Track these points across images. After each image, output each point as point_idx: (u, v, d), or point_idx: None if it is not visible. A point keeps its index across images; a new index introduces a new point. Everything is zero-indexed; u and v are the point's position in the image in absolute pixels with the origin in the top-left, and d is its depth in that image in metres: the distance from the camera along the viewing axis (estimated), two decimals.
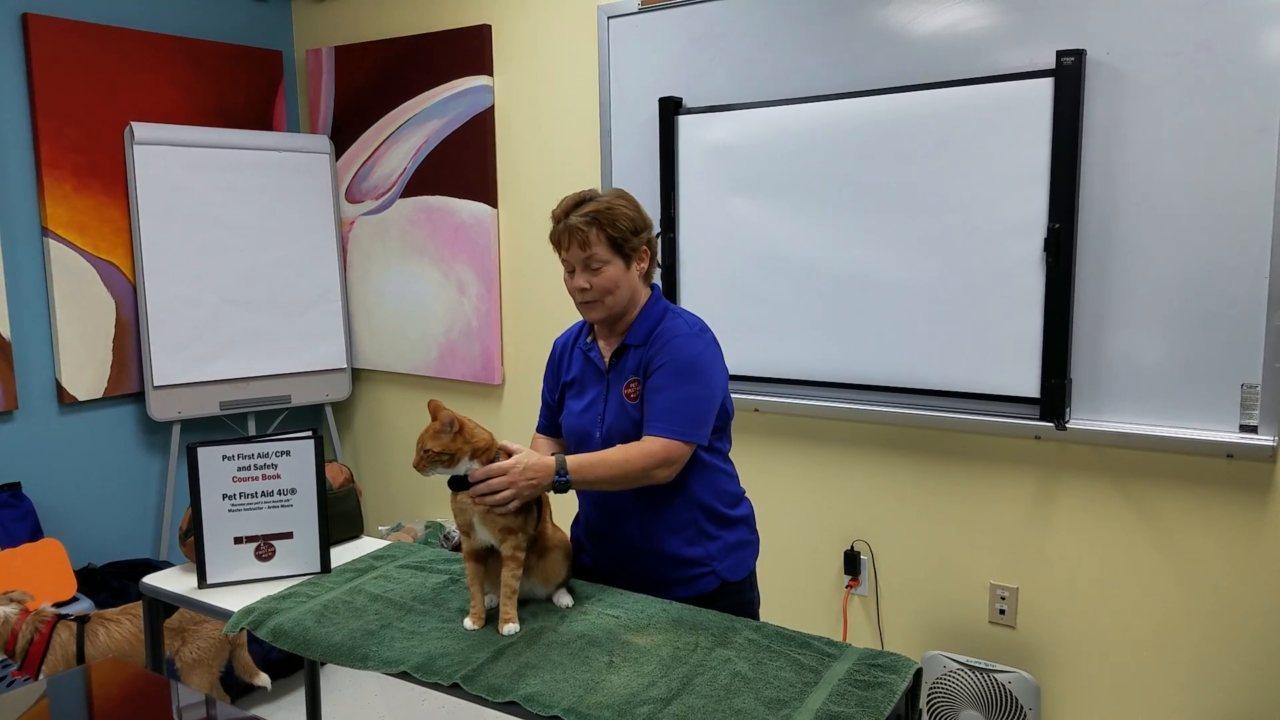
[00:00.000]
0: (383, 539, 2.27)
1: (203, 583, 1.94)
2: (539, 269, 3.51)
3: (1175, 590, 2.44)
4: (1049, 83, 2.37)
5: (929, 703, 2.66)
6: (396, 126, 3.80)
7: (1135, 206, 2.34)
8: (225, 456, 1.93)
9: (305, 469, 1.97)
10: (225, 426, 3.95)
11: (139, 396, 3.64)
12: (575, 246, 1.77)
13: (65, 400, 3.41)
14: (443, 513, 3.91)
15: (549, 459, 1.68)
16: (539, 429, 2.04)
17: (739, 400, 2.98)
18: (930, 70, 2.57)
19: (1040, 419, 2.48)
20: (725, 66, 2.91)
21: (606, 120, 3.19)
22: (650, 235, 1.84)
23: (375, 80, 3.84)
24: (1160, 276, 2.33)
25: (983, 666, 2.57)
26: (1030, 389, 2.49)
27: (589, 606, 1.74)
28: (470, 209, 3.63)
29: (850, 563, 2.91)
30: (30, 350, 3.35)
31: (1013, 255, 2.47)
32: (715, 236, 2.95)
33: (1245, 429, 2.27)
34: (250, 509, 1.95)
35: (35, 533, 3.28)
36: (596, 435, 1.85)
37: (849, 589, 2.94)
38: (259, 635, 1.72)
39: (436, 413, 1.62)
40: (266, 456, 1.95)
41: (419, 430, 3.98)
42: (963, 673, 2.59)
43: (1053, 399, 2.44)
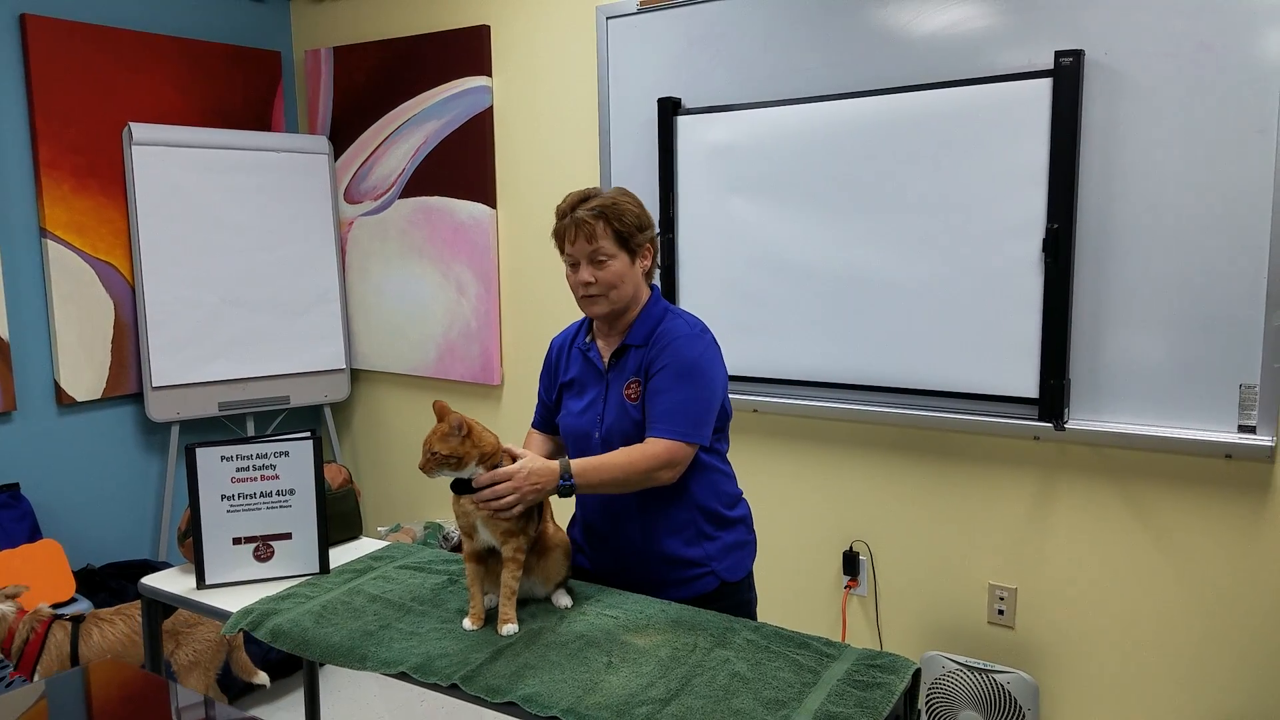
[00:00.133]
0: (381, 540, 2.27)
1: (201, 583, 1.94)
2: (538, 269, 3.51)
3: (1174, 590, 2.44)
4: (1047, 83, 2.37)
5: (928, 703, 2.66)
6: (395, 127, 3.80)
7: (1134, 207, 2.34)
8: (224, 457, 1.93)
9: (304, 470, 1.97)
10: (224, 427, 3.94)
11: (138, 397, 3.64)
12: (582, 240, 1.77)
13: (64, 401, 3.41)
14: (441, 513, 3.91)
15: (553, 463, 1.68)
16: (535, 425, 2.05)
17: (738, 401, 2.98)
18: (929, 71, 2.57)
19: (1039, 419, 2.48)
20: (724, 67, 2.91)
21: (605, 121, 3.19)
22: (653, 234, 1.85)
23: (374, 81, 3.84)
24: (1159, 277, 2.33)
25: (981, 667, 2.58)
26: (1029, 389, 2.50)
27: (588, 607, 1.74)
28: (469, 209, 3.63)
29: (849, 563, 2.91)
30: (29, 351, 3.34)
31: (1011, 256, 2.47)
32: (714, 237, 2.95)
33: (1244, 429, 2.27)
34: (249, 510, 1.95)
35: (34, 533, 3.27)
36: (596, 435, 1.85)
37: (848, 589, 2.94)
38: (258, 636, 1.72)
39: (443, 414, 1.61)
40: (265, 457, 1.95)
41: (418, 431, 3.97)
42: (961, 673, 2.60)
43: (1051, 399, 2.45)
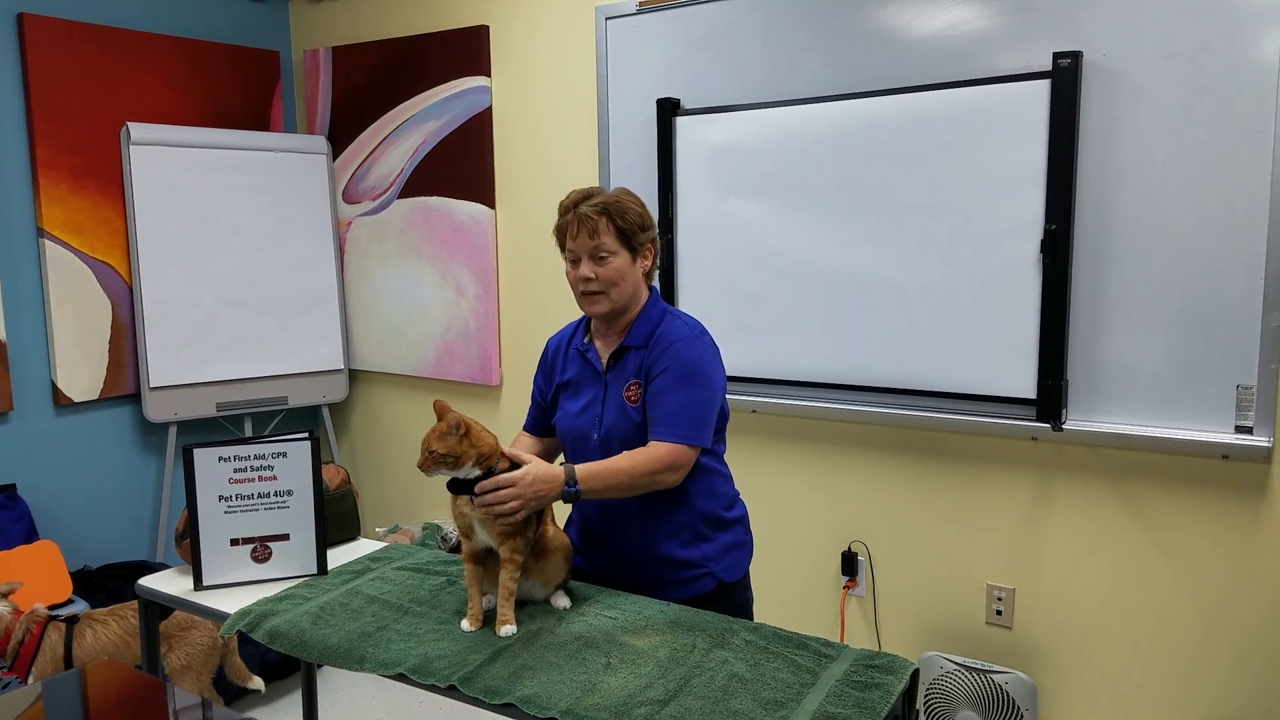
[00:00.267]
0: (379, 541, 2.27)
1: (199, 584, 1.94)
2: (537, 270, 3.51)
3: (1171, 591, 2.45)
4: (1045, 84, 2.37)
5: (926, 704, 2.66)
6: (394, 127, 3.79)
7: (1131, 208, 2.34)
8: (221, 458, 1.92)
9: (302, 470, 1.96)
10: (222, 428, 3.94)
11: (135, 398, 3.64)
12: (584, 235, 1.77)
13: (61, 401, 3.40)
14: (440, 514, 3.91)
15: (557, 469, 1.67)
16: (526, 427, 2.04)
17: (737, 401, 2.98)
18: (927, 72, 2.57)
19: (1037, 420, 2.48)
20: (723, 68, 2.91)
21: (604, 121, 3.19)
22: (655, 234, 1.85)
23: (373, 81, 3.84)
24: (1156, 278, 2.33)
25: (979, 667, 2.58)
26: (1027, 390, 2.50)
27: (586, 608, 1.74)
28: (468, 210, 3.62)
29: (847, 564, 2.91)
30: (26, 351, 3.34)
31: (1009, 257, 2.48)
32: (713, 238, 2.95)
33: (1241, 430, 2.27)
34: (247, 511, 1.94)
35: (31, 534, 3.27)
36: (594, 437, 1.85)
37: (846, 590, 2.94)
38: (255, 637, 1.71)
39: (443, 413, 1.61)
40: (263, 458, 1.94)
41: (416, 432, 3.97)
42: (960, 673, 2.60)
43: (1049, 400, 2.45)
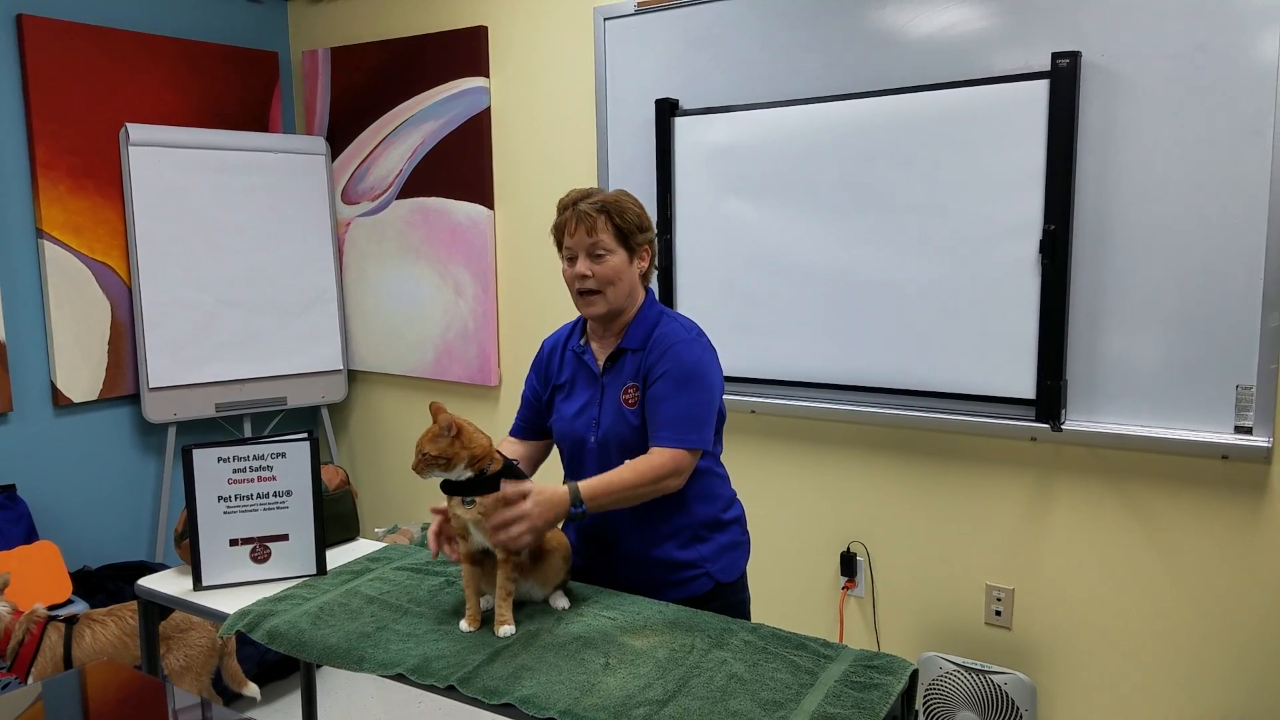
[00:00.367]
0: (378, 541, 2.27)
1: (198, 585, 1.94)
2: (536, 270, 3.51)
3: (1171, 591, 2.45)
4: (1044, 84, 2.37)
5: (925, 704, 2.66)
6: (393, 128, 3.79)
7: (1130, 208, 2.34)
8: (221, 459, 1.92)
9: (301, 471, 1.96)
10: (221, 428, 3.94)
11: (134, 398, 3.63)
12: (582, 232, 1.77)
13: (60, 402, 3.40)
14: None
15: (562, 490, 1.67)
16: (513, 431, 2.02)
17: (735, 402, 2.98)
18: (926, 72, 2.57)
19: (1036, 420, 2.48)
20: (722, 68, 2.91)
21: (603, 122, 3.19)
22: (652, 236, 1.85)
23: (371, 81, 3.84)
24: (1155, 278, 2.33)
25: (979, 668, 2.58)
26: (1026, 390, 2.50)
27: (585, 608, 1.74)
28: (467, 210, 3.62)
29: (846, 564, 2.91)
30: (25, 352, 3.34)
31: (1008, 257, 2.48)
32: (712, 238, 2.95)
33: (1240, 430, 2.28)
34: (246, 511, 1.94)
35: (30, 535, 3.27)
36: (592, 439, 1.85)
37: (845, 590, 2.94)
38: (254, 637, 1.71)
39: (437, 415, 1.62)
40: (262, 459, 1.94)
41: (415, 432, 3.97)
42: (959, 674, 2.60)
43: (1048, 400, 2.45)
